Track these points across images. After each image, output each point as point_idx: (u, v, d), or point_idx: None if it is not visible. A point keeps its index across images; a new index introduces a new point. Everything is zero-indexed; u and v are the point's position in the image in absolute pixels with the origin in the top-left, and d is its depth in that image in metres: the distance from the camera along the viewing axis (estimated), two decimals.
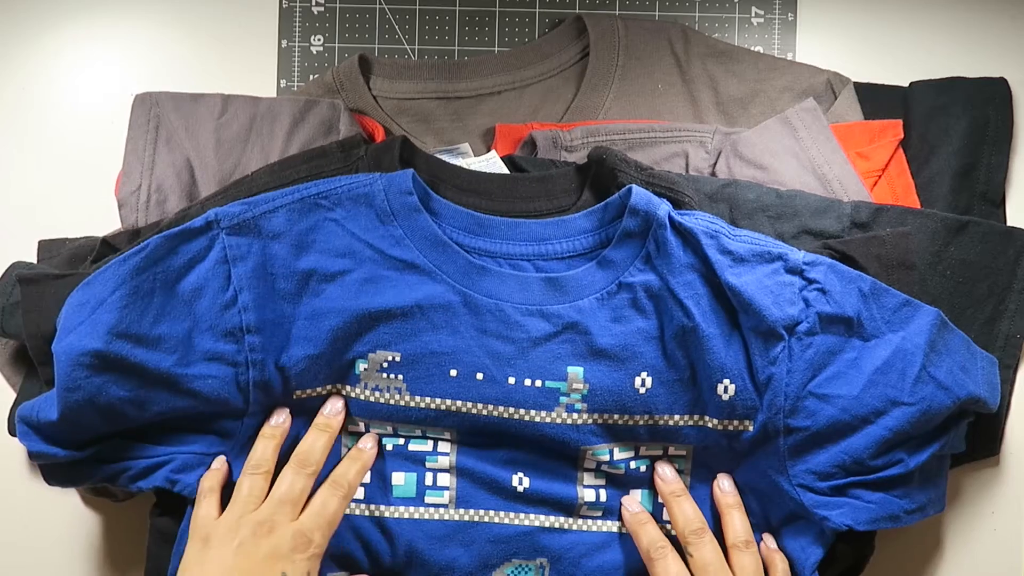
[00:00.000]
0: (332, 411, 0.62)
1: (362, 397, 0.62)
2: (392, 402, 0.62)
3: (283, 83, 0.77)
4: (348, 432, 0.64)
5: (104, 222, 0.70)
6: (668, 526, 0.64)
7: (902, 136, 0.71)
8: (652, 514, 0.64)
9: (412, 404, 0.62)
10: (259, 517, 0.57)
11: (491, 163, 0.69)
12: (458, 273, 0.62)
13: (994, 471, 0.72)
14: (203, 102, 0.71)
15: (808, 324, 0.60)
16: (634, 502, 0.64)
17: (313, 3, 0.77)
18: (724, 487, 0.63)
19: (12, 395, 0.70)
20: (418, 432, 0.63)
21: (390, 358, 0.62)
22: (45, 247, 0.69)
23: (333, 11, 0.78)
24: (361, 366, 0.62)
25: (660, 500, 0.64)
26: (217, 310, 0.59)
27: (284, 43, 0.77)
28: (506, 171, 0.69)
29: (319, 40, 0.78)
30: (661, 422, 0.62)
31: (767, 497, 0.63)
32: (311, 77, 0.77)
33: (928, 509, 0.63)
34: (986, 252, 0.67)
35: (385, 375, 0.62)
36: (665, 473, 0.64)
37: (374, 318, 0.61)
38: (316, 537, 0.57)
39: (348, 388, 0.62)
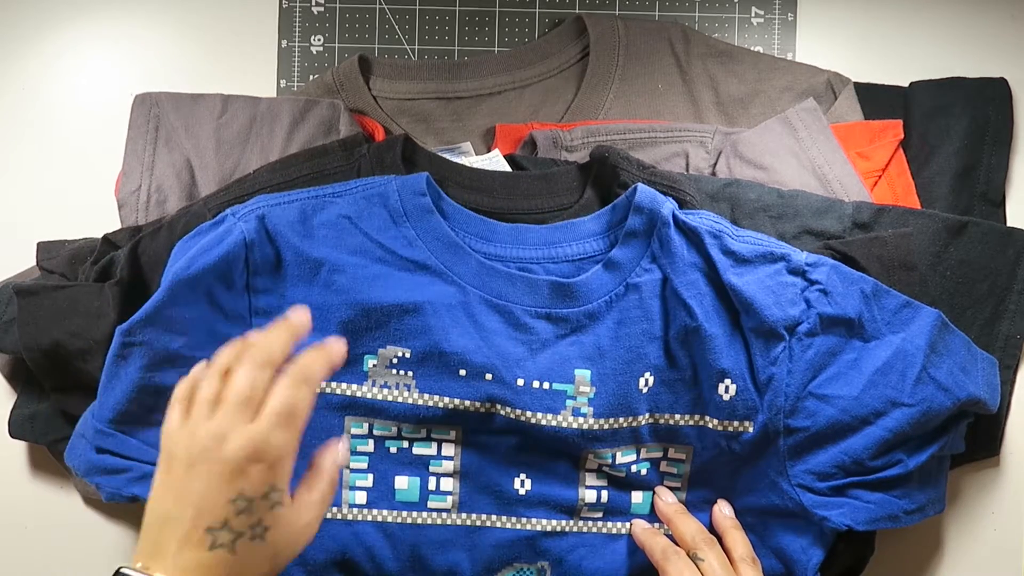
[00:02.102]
0: (299, 318, 0.53)
1: (368, 395, 0.62)
2: (400, 399, 0.62)
3: (283, 83, 0.77)
4: (353, 435, 0.63)
5: (104, 222, 0.70)
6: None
7: (902, 136, 0.71)
8: (647, 518, 0.64)
9: (420, 402, 0.62)
10: (212, 428, 0.48)
11: (494, 162, 0.69)
12: (469, 274, 0.62)
13: (994, 471, 0.72)
14: (203, 102, 0.71)
15: (809, 325, 0.60)
16: (644, 523, 0.64)
17: (313, 3, 0.77)
18: (725, 511, 0.63)
19: (12, 396, 0.69)
20: (423, 433, 0.63)
21: (400, 354, 0.62)
22: (44, 248, 0.68)
23: (333, 11, 0.78)
24: (370, 362, 0.62)
25: (661, 518, 0.64)
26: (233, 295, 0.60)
27: (284, 43, 0.77)
28: (509, 169, 0.69)
29: (319, 40, 0.78)
30: (662, 421, 0.62)
31: (766, 498, 0.63)
32: (311, 77, 0.77)
33: (928, 509, 0.63)
34: (986, 252, 0.67)
35: (395, 371, 0.62)
36: (665, 495, 0.64)
37: (384, 313, 0.61)
38: (276, 440, 0.48)
39: (354, 387, 0.62)
